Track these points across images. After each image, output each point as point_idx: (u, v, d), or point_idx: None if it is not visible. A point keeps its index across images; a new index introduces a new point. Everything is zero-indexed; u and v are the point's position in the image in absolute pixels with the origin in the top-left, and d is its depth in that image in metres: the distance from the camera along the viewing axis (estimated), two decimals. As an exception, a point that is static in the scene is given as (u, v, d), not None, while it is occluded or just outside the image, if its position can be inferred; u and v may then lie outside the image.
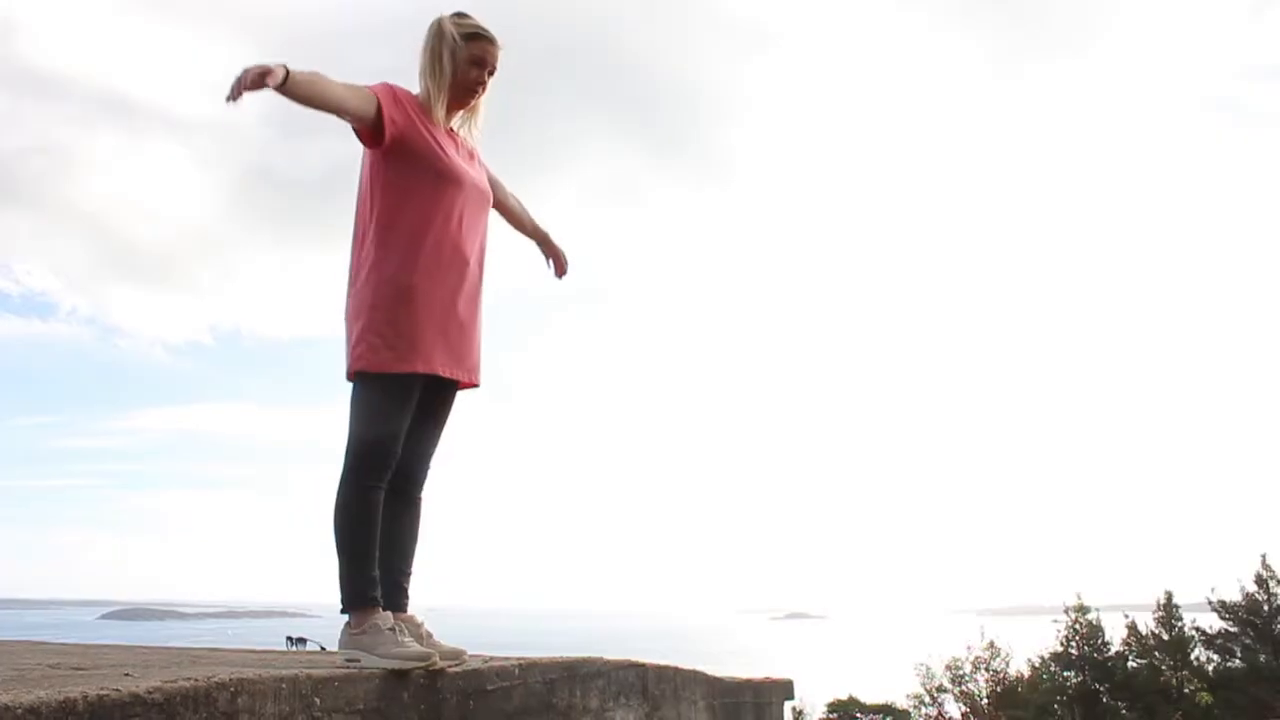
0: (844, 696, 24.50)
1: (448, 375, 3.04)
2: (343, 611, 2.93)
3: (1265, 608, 20.02)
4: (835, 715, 23.58)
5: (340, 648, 2.94)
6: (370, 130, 2.96)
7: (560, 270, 3.69)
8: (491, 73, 3.18)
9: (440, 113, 3.13)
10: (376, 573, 2.95)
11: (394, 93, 3.03)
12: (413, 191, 3.00)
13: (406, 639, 2.84)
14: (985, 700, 21.89)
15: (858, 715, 23.97)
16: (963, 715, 22.19)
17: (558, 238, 3.69)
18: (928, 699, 23.39)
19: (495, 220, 3.40)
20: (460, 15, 3.16)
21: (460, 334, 3.08)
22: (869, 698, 24.75)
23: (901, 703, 23.95)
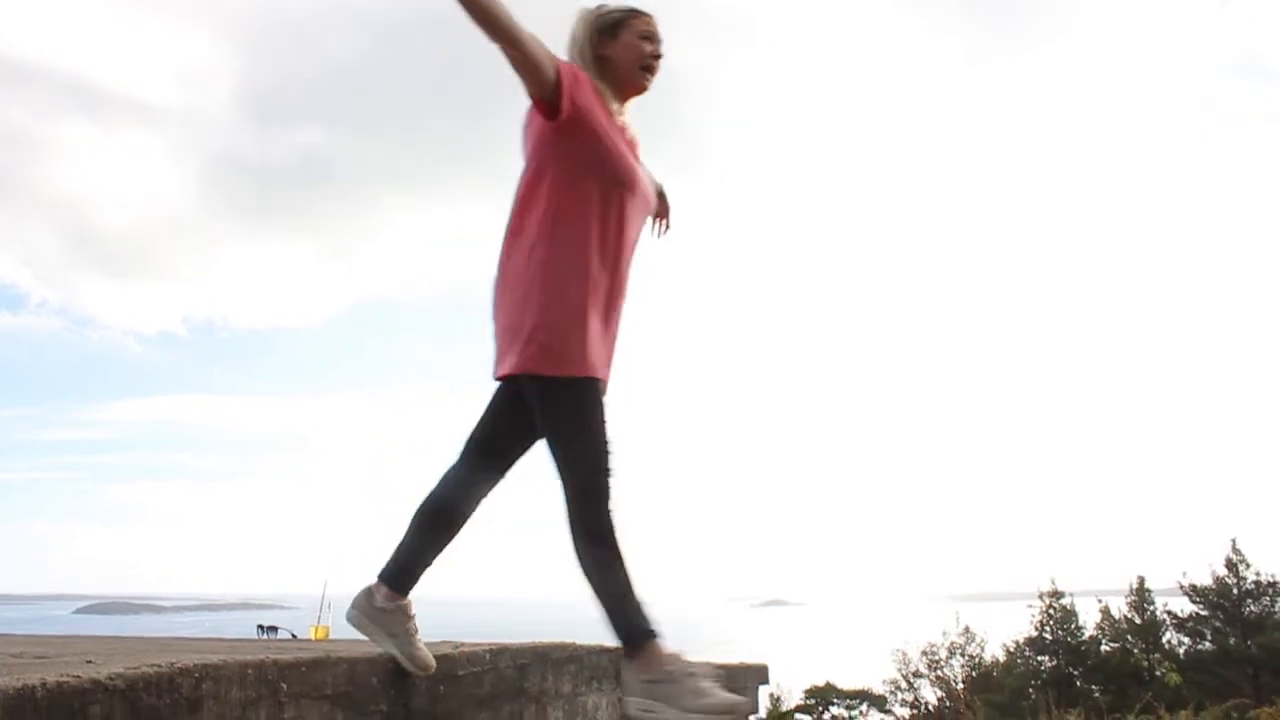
0: (821, 683, 24.66)
1: (603, 378, 2.80)
2: (626, 655, 2.61)
3: (1235, 591, 20.29)
4: (813, 701, 23.73)
5: (628, 694, 2.61)
6: (547, 101, 2.67)
7: (664, 227, 3.37)
8: (660, 42, 2.94)
9: (613, 104, 2.87)
10: (639, 599, 2.65)
11: (576, 72, 2.75)
12: (588, 186, 2.74)
13: (706, 683, 2.53)
14: (961, 685, 22.08)
15: (834, 701, 24.13)
16: (938, 700, 22.36)
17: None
18: (904, 684, 23.59)
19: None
20: (601, 6, 2.91)
21: (609, 339, 2.84)
22: (846, 684, 24.92)
23: (878, 688, 24.14)
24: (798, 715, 22.17)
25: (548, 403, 2.68)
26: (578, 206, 2.72)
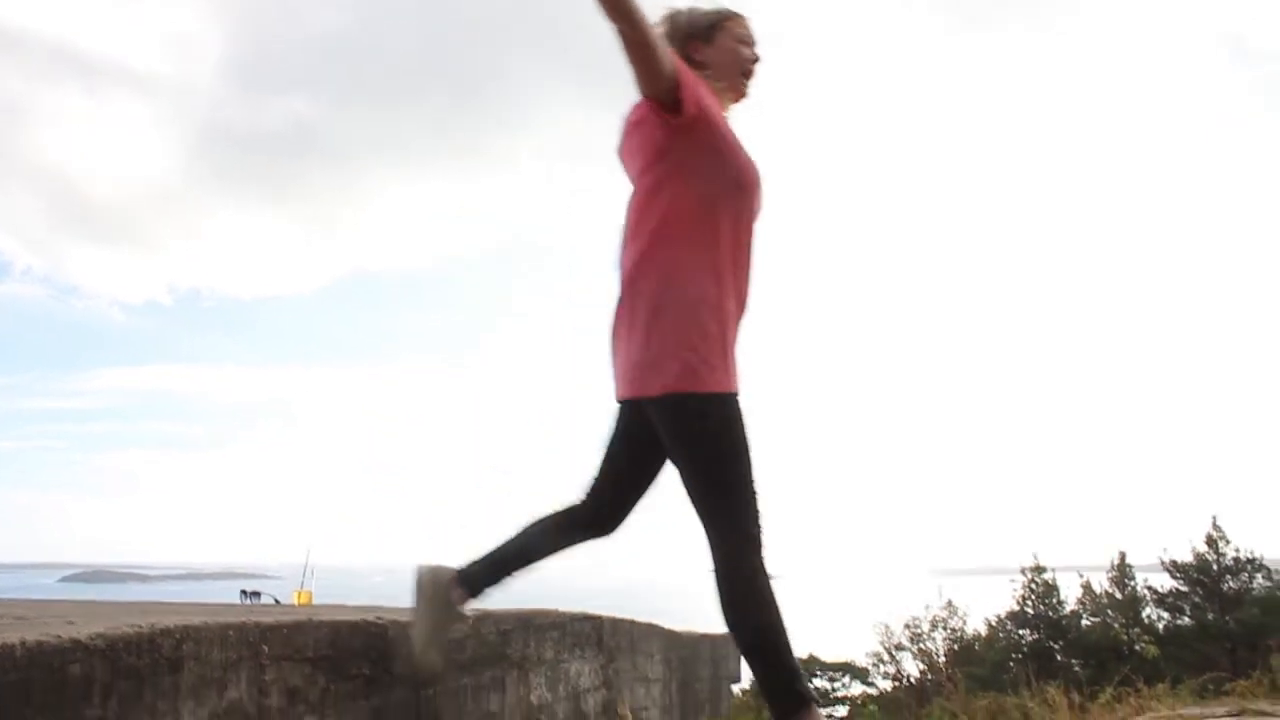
0: (804, 655, 24.83)
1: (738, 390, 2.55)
2: (781, 717, 2.36)
3: (1214, 567, 20.47)
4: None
5: None
6: (663, 99, 2.43)
7: None
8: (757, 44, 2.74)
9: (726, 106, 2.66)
10: (795, 658, 2.40)
11: (690, 73, 2.51)
12: (714, 192, 2.51)
13: None
14: (943, 658, 22.26)
15: (817, 673, 24.31)
16: (920, 672, 22.54)
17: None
18: (886, 657, 23.76)
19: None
20: (692, 8, 2.71)
21: (735, 348, 2.58)
22: (828, 656, 25.09)
23: (860, 661, 24.31)
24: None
25: (693, 423, 2.43)
26: (706, 213, 2.50)
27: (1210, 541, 20.85)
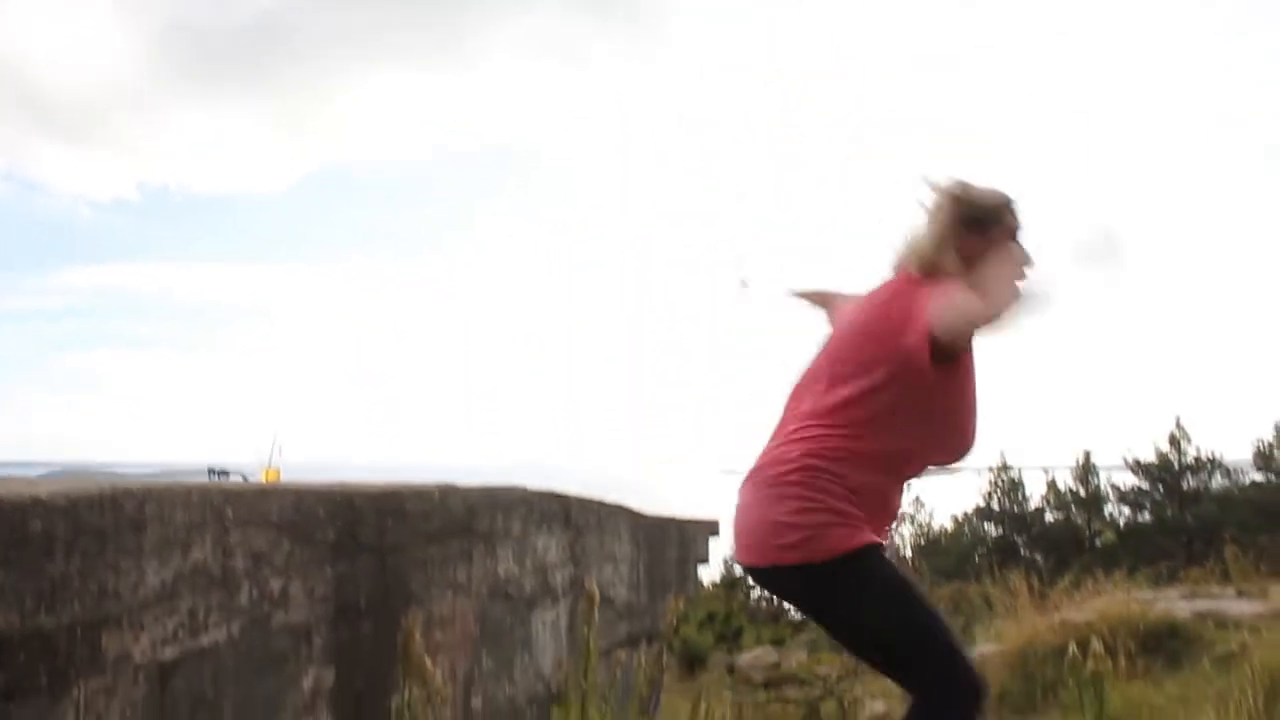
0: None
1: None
2: None
3: (1175, 466, 20.96)
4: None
5: None
6: (938, 347, 2.25)
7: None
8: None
9: None
10: None
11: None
12: (919, 441, 2.35)
13: None
14: (909, 551, 22.81)
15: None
16: (888, 566, 23.12)
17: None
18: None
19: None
20: (964, 185, 2.39)
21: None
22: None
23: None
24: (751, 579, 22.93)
25: (850, 584, 2.24)
26: (902, 459, 2.35)
27: (1173, 441, 21.30)
